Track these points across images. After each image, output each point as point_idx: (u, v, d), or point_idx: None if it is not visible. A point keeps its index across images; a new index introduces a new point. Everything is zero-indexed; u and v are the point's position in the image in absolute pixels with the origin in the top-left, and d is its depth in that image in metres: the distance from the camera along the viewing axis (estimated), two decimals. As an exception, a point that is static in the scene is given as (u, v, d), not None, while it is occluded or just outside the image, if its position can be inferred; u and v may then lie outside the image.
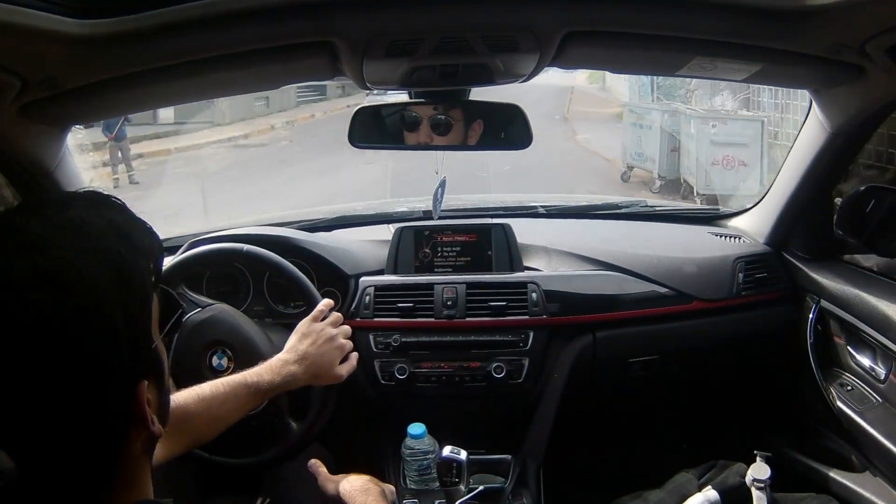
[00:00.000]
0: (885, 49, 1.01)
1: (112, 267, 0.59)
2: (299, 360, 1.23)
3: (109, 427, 0.61)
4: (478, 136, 1.40)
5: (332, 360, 1.26)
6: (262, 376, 1.19)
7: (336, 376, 1.28)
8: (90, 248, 0.58)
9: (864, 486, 1.45)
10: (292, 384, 1.23)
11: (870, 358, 1.49)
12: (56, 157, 1.31)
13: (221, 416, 1.14)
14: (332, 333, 1.28)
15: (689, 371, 1.74)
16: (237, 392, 1.15)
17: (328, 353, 1.26)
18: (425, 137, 1.39)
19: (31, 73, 0.96)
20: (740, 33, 1.04)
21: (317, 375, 1.25)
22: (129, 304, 0.59)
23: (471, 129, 1.39)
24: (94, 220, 0.60)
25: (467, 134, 1.39)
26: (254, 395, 1.18)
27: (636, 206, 2.09)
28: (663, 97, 9.60)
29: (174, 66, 1.03)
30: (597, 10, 0.99)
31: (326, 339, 1.26)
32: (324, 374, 1.26)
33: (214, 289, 1.62)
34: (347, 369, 1.30)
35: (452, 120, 1.37)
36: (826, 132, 1.44)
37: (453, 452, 1.41)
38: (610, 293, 1.66)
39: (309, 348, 1.24)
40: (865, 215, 1.42)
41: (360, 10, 0.95)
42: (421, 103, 1.37)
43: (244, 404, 1.17)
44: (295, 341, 1.26)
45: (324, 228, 1.88)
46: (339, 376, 1.28)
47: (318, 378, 1.26)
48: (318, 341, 1.26)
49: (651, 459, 1.61)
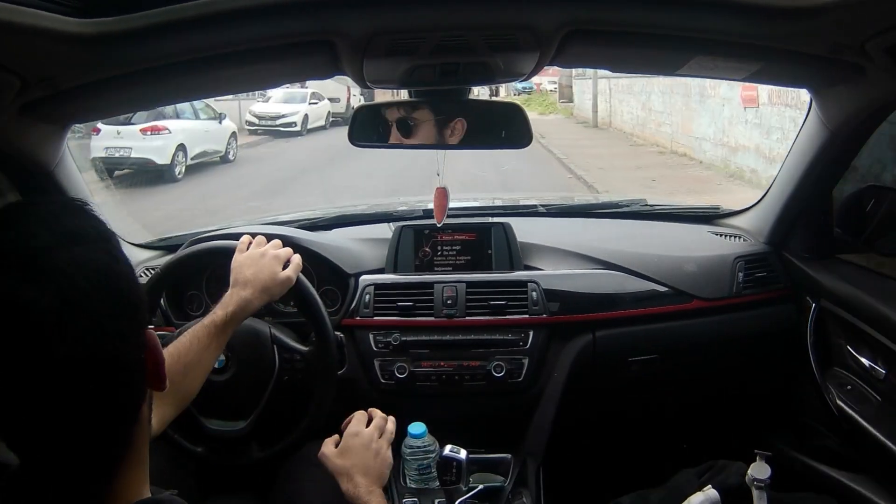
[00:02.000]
0: (884, 48, 1.01)
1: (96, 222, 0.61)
2: (244, 286, 1.27)
3: (129, 380, 0.61)
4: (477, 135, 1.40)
5: (272, 270, 1.30)
6: (216, 313, 1.23)
7: (284, 279, 1.31)
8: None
9: (864, 486, 1.45)
10: (248, 308, 1.26)
11: (870, 357, 1.49)
12: (56, 157, 1.31)
13: (193, 363, 1.16)
14: (261, 251, 1.33)
15: (689, 370, 1.74)
16: (198, 335, 1.18)
17: (265, 267, 1.30)
18: (425, 137, 1.39)
19: (31, 73, 0.96)
20: (740, 32, 1.04)
21: (266, 289, 1.28)
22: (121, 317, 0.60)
23: (470, 128, 1.39)
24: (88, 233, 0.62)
25: (467, 133, 1.39)
26: (215, 333, 1.20)
27: (636, 205, 2.08)
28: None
29: (174, 65, 1.03)
30: (597, 10, 0.99)
31: (258, 258, 1.31)
32: (271, 284, 1.29)
33: (214, 288, 1.62)
34: (293, 269, 1.34)
35: (452, 119, 1.37)
36: (826, 131, 1.43)
37: (453, 451, 1.41)
38: (610, 292, 1.66)
39: (247, 273, 1.29)
40: (865, 215, 1.42)
41: (360, 8, 0.95)
42: (421, 102, 1.37)
43: (208, 345, 1.19)
44: (234, 276, 1.30)
45: (323, 227, 1.88)
46: (288, 278, 1.32)
47: (269, 290, 1.29)
48: (252, 263, 1.31)
49: (651, 459, 1.61)
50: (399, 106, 1.38)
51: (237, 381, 1.37)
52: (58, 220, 0.59)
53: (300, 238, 1.66)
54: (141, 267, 1.69)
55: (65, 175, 1.35)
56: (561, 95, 24.35)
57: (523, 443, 1.62)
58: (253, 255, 1.32)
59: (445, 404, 1.60)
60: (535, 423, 1.62)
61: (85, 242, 0.58)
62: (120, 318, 0.59)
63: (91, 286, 0.56)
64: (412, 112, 1.37)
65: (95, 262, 0.58)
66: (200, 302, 1.65)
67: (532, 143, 1.38)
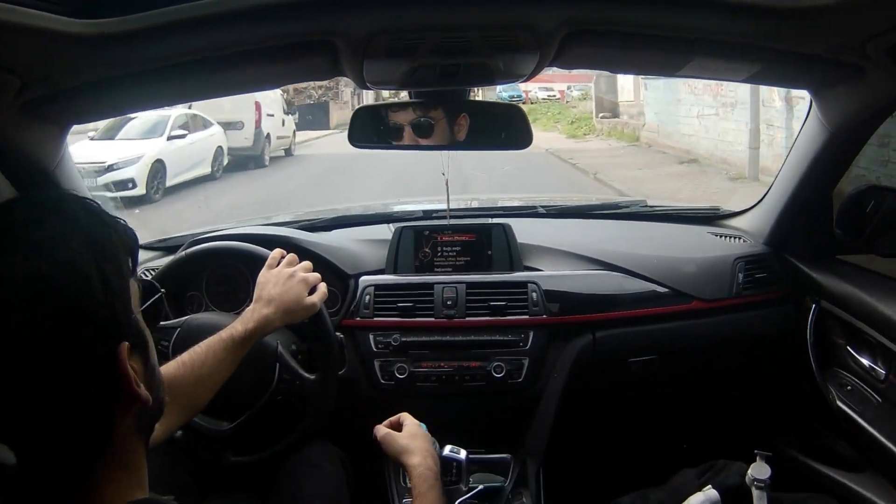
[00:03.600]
0: (884, 49, 1.02)
1: (84, 234, 0.63)
2: (267, 304, 1.26)
3: (94, 389, 0.62)
4: (477, 135, 1.40)
5: (298, 293, 1.29)
6: (235, 328, 1.22)
7: (308, 306, 1.30)
8: (64, 221, 0.63)
9: (864, 486, 1.45)
10: (268, 327, 1.26)
11: (870, 358, 1.49)
12: (56, 157, 1.31)
13: (206, 375, 1.16)
14: (290, 272, 1.31)
15: (689, 371, 1.74)
16: (214, 348, 1.18)
17: (291, 288, 1.29)
18: (425, 137, 1.39)
19: (31, 73, 0.96)
20: (740, 33, 1.04)
21: (289, 311, 1.28)
22: (104, 267, 0.63)
23: (470, 129, 1.39)
24: (71, 206, 0.66)
25: (466, 134, 1.39)
26: (232, 348, 1.20)
27: (636, 206, 2.08)
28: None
29: (174, 66, 1.03)
30: (597, 10, 0.99)
31: (286, 278, 1.30)
32: (295, 307, 1.29)
33: (214, 289, 1.62)
34: (319, 297, 1.33)
35: (452, 119, 1.37)
36: (826, 132, 1.43)
37: (453, 452, 1.40)
38: (610, 293, 1.66)
39: (272, 291, 1.28)
40: (865, 215, 1.42)
41: (360, 9, 0.95)
42: (421, 103, 1.37)
43: (224, 359, 1.18)
44: (258, 291, 1.30)
45: (324, 228, 1.88)
46: (313, 305, 1.31)
47: (292, 313, 1.29)
48: (279, 282, 1.29)
49: (651, 459, 1.61)
50: (400, 107, 1.38)
51: (232, 386, 1.36)
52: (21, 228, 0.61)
53: (300, 239, 1.66)
54: (140, 268, 1.69)
55: (65, 175, 1.35)
56: (599, 108, 16.09)
57: (523, 443, 1.62)
58: (282, 275, 1.30)
59: (445, 405, 1.60)
60: (535, 423, 1.62)
61: (33, 250, 0.60)
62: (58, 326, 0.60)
63: (22, 296, 0.59)
64: (413, 113, 1.37)
65: (34, 272, 0.59)
66: (200, 302, 1.65)
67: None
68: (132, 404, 0.65)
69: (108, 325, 0.63)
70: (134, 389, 0.64)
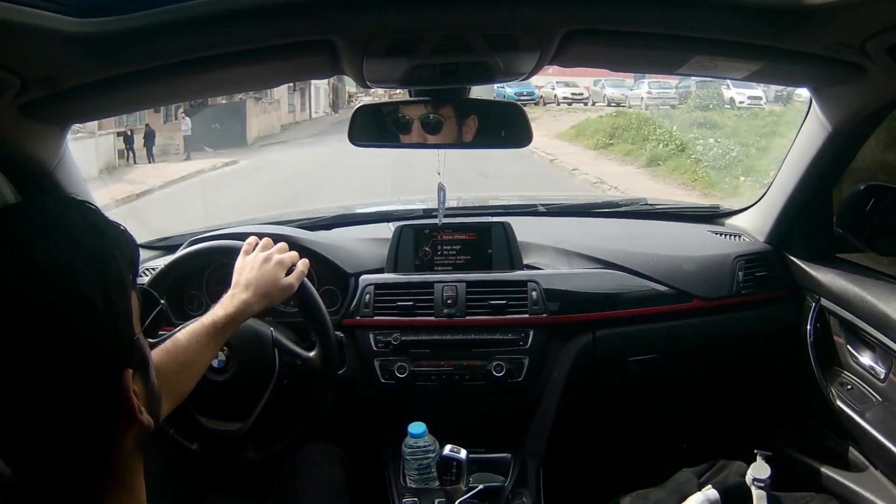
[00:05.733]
0: (885, 48, 1.01)
1: (87, 254, 0.61)
2: (244, 288, 1.28)
3: (97, 417, 0.61)
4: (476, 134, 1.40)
5: (274, 275, 1.31)
6: (216, 314, 1.23)
7: (285, 286, 1.32)
8: (67, 240, 0.61)
9: (864, 486, 1.45)
10: (247, 311, 1.27)
11: (870, 357, 1.49)
12: (56, 157, 1.31)
13: (189, 361, 1.16)
14: (265, 255, 1.33)
15: (689, 370, 1.74)
16: (196, 334, 1.18)
17: (267, 271, 1.31)
18: (424, 136, 1.39)
19: (31, 72, 0.96)
20: (740, 32, 1.04)
21: (266, 293, 1.29)
22: (108, 290, 0.61)
23: (469, 128, 1.39)
24: (71, 218, 0.63)
25: (466, 132, 1.39)
26: (214, 333, 1.21)
27: (636, 205, 2.08)
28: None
29: (174, 65, 1.03)
30: (597, 9, 0.99)
31: (261, 262, 1.32)
32: (272, 289, 1.30)
33: (214, 287, 1.62)
34: (296, 277, 1.34)
35: (451, 118, 1.37)
36: (826, 131, 1.43)
37: (453, 451, 1.41)
38: (610, 292, 1.66)
39: (248, 275, 1.30)
40: (865, 214, 1.42)
41: (360, 8, 0.95)
42: (421, 102, 1.37)
43: (206, 344, 1.19)
44: (236, 277, 1.31)
45: (324, 227, 1.88)
46: (290, 285, 1.33)
47: (270, 295, 1.30)
48: (255, 266, 1.31)
49: (651, 458, 1.61)
50: (399, 106, 1.38)
51: (236, 381, 1.37)
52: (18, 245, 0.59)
53: (300, 238, 1.66)
54: (140, 268, 1.68)
55: (65, 175, 1.35)
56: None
57: (523, 442, 1.62)
58: (257, 259, 1.32)
59: (445, 404, 1.60)
60: (535, 422, 1.62)
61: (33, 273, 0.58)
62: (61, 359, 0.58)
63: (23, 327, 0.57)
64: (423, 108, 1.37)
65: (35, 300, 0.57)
66: (201, 302, 1.65)
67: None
68: (132, 425, 0.64)
69: (113, 352, 0.61)
70: (137, 416, 0.63)
